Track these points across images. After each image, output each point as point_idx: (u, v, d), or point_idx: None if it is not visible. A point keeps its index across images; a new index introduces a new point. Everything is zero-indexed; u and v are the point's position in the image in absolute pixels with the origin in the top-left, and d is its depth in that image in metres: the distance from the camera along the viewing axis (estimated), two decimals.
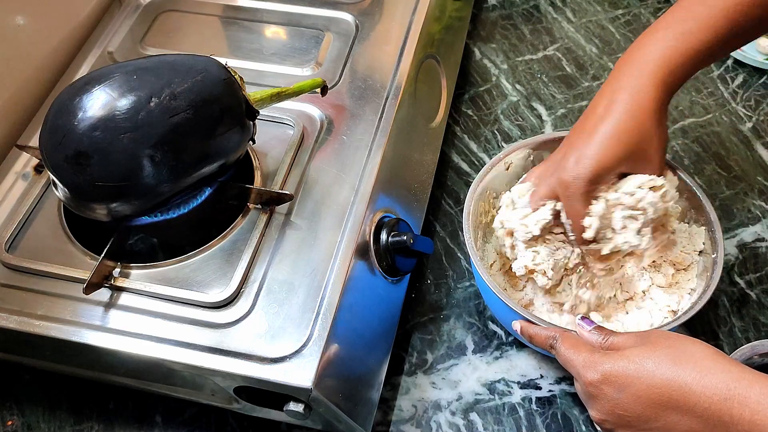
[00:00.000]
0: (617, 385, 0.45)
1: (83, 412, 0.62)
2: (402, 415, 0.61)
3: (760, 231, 0.71)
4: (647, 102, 0.52)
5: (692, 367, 0.43)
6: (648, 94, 0.52)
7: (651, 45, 0.54)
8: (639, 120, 0.52)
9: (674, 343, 0.45)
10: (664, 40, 0.53)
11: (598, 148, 0.52)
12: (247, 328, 0.52)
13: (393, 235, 0.59)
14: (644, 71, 0.53)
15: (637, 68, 0.53)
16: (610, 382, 0.45)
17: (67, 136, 0.50)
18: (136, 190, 0.51)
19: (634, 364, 0.45)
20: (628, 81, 0.53)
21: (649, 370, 0.44)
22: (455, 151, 0.79)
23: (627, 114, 0.52)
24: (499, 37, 0.90)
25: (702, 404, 0.41)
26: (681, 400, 0.42)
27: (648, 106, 0.52)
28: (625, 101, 0.52)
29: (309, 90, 0.62)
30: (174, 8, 0.76)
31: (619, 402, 0.45)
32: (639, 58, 0.54)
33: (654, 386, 0.43)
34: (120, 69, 0.53)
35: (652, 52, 0.53)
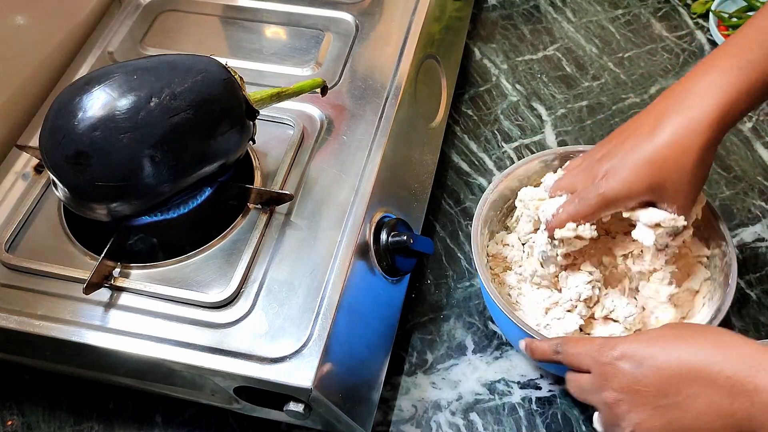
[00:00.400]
0: (636, 360, 0.44)
1: (83, 412, 0.62)
2: (402, 415, 0.61)
3: (760, 231, 0.71)
4: (697, 135, 0.49)
5: (713, 341, 0.42)
6: (699, 127, 0.49)
7: (714, 71, 0.50)
8: (682, 154, 0.49)
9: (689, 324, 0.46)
10: (728, 66, 0.49)
11: (630, 170, 0.50)
12: (247, 328, 0.52)
13: (393, 235, 0.59)
14: (701, 99, 0.49)
15: (695, 93, 0.49)
16: (629, 358, 0.44)
17: (67, 136, 0.50)
18: (136, 190, 0.51)
19: (654, 340, 0.44)
20: (684, 105, 0.50)
21: (669, 343, 0.43)
22: (455, 151, 0.79)
23: (670, 145, 0.49)
24: (499, 37, 0.90)
25: (725, 373, 0.40)
26: (703, 370, 0.41)
27: (697, 141, 0.49)
28: (674, 129, 0.49)
29: (309, 90, 0.62)
30: (174, 8, 0.76)
31: (638, 377, 0.44)
32: (699, 83, 0.50)
33: (674, 358, 0.43)
34: (120, 69, 0.53)
35: (714, 80, 0.49)
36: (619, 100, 0.82)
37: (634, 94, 0.83)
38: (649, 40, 0.88)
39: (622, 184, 0.50)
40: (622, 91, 0.83)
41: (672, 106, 0.50)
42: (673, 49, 0.87)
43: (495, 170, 0.77)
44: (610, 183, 0.51)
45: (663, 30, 0.89)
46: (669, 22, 0.90)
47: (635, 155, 0.50)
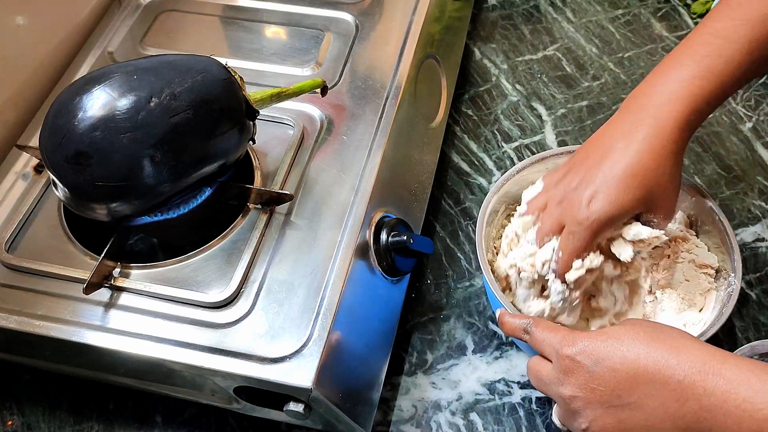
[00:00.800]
0: (594, 357, 0.44)
1: (83, 412, 0.62)
2: (402, 415, 0.61)
3: (760, 231, 0.71)
4: (669, 142, 0.50)
5: (669, 344, 0.43)
6: (671, 134, 0.50)
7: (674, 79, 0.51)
8: (660, 160, 0.50)
9: (651, 324, 0.46)
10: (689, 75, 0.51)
11: (616, 188, 0.50)
12: (247, 328, 0.52)
13: (393, 235, 0.59)
14: (667, 108, 0.50)
15: (660, 102, 0.51)
16: (587, 354, 0.45)
17: (67, 136, 0.50)
18: (136, 189, 0.51)
19: (612, 339, 0.45)
20: (650, 115, 0.51)
21: (626, 344, 0.44)
22: (455, 151, 0.79)
23: (648, 153, 0.50)
24: (499, 37, 0.90)
25: (676, 377, 0.41)
26: (655, 373, 0.42)
27: (670, 147, 0.50)
28: (647, 138, 0.50)
29: (309, 90, 0.62)
30: (174, 8, 0.76)
31: (594, 375, 0.44)
32: (662, 92, 0.51)
33: (629, 360, 0.43)
34: (120, 69, 0.53)
35: (677, 88, 0.51)
36: (619, 100, 0.82)
37: None
38: (649, 40, 0.88)
39: (612, 204, 0.50)
40: (622, 91, 0.83)
41: (640, 119, 0.51)
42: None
43: (495, 170, 0.77)
44: (598, 206, 0.50)
45: (663, 30, 0.89)
46: (669, 22, 0.90)
47: (616, 172, 0.50)
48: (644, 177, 0.50)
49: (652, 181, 0.50)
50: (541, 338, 0.49)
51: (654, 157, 0.50)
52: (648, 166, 0.50)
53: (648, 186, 0.50)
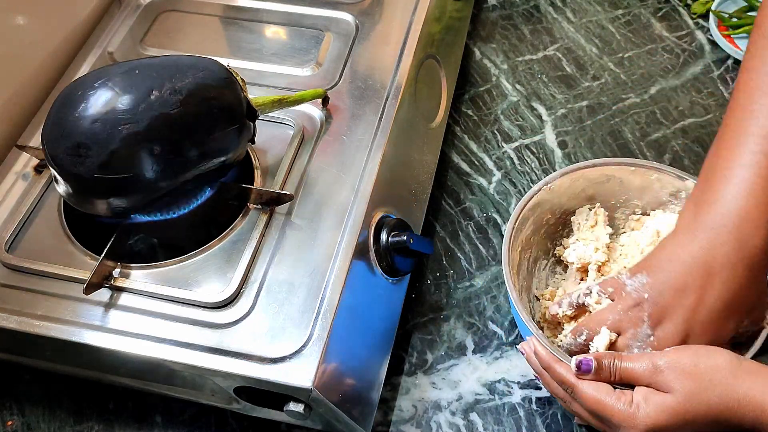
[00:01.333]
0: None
1: (83, 412, 0.62)
2: (402, 415, 0.61)
3: None
4: (759, 255, 0.47)
5: (727, 401, 0.44)
6: (758, 247, 0.47)
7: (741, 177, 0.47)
8: (752, 286, 0.48)
9: (695, 380, 0.45)
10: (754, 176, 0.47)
11: (713, 332, 0.49)
12: (247, 328, 0.52)
13: (393, 235, 0.59)
14: (748, 227, 0.47)
15: (738, 220, 0.47)
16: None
17: (68, 128, 0.50)
18: (135, 183, 0.51)
19: (674, 417, 0.45)
20: (732, 239, 0.47)
21: (690, 420, 0.45)
22: (455, 151, 0.79)
23: (741, 285, 0.48)
24: (499, 37, 0.90)
25: (739, 427, 0.45)
26: (720, 426, 0.45)
27: (760, 260, 0.47)
28: (733, 264, 0.47)
29: (310, 99, 0.63)
30: (174, 8, 0.76)
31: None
32: (733, 201, 0.47)
33: (694, 424, 0.45)
34: (122, 66, 0.53)
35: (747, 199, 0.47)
36: (619, 100, 0.82)
37: (634, 94, 0.83)
38: (649, 40, 0.88)
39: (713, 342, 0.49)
40: (622, 91, 0.83)
41: (721, 244, 0.48)
42: (673, 49, 0.87)
43: (495, 170, 0.77)
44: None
45: (663, 30, 0.89)
46: (669, 22, 0.90)
47: (715, 310, 0.48)
48: (742, 306, 0.49)
49: (746, 307, 0.49)
50: (594, 404, 0.48)
51: (747, 285, 0.48)
52: (743, 298, 0.49)
53: (742, 314, 0.50)
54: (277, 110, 0.61)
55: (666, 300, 0.49)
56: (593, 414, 0.49)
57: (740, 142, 0.48)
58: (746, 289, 0.48)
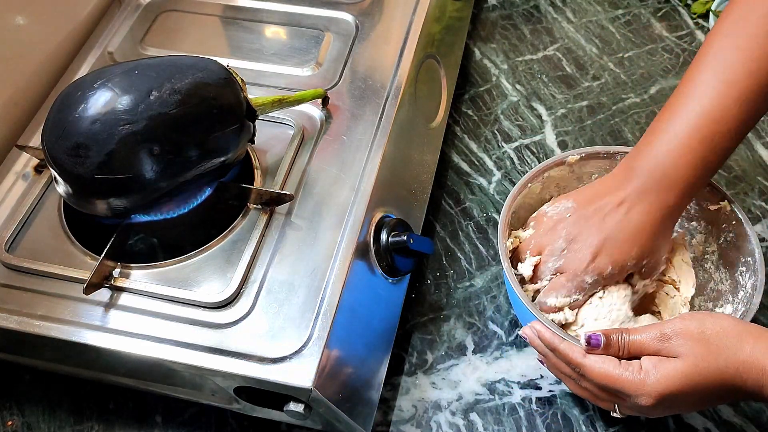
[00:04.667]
0: (674, 401, 0.47)
1: (83, 412, 0.62)
2: (402, 415, 0.61)
3: (760, 231, 0.71)
4: (671, 211, 0.54)
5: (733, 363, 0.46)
6: (671, 205, 0.54)
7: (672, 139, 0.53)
8: (658, 232, 0.54)
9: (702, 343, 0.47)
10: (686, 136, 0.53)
11: (620, 249, 0.54)
12: (247, 328, 0.52)
13: (393, 235, 0.59)
14: (667, 183, 0.53)
15: (661, 174, 0.53)
16: (668, 400, 0.47)
17: (67, 128, 0.50)
18: (135, 183, 0.51)
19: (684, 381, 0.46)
20: (654, 188, 0.53)
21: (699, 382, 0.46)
22: (455, 151, 0.79)
23: (650, 225, 0.54)
24: (499, 37, 0.90)
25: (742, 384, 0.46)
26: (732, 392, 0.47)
27: (671, 216, 0.55)
28: (650, 211, 0.54)
29: (310, 99, 0.63)
30: (174, 8, 0.76)
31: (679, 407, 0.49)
32: (663, 156, 0.53)
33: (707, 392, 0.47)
34: (122, 66, 0.53)
35: (677, 155, 0.53)
36: (619, 100, 0.82)
37: (634, 94, 0.83)
38: (649, 40, 0.88)
39: (614, 263, 0.55)
40: (622, 91, 0.83)
41: (644, 187, 0.54)
42: (673, 49, 0.87)
43: (495, 170, 0.77)
44: (602, 262, 0.55)
45: (663, 30, 0.89)
46: (669, 22, 0.90)
47: (622, 235, 0.54)
48: (643, 244, 0.55)
49: (648, 248, 0.55)
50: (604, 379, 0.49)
51: (654, 229, 0.54)
52: (648, 236, 0.54)
53: (645, 252, 0.55)
54: (277, 110, 0.61)
55: (587, 218, 0.55)
56: (603, 388, 0.49)
57: (682, 104, 0.54)
58: (655, 231, 0.54)
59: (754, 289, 0.55)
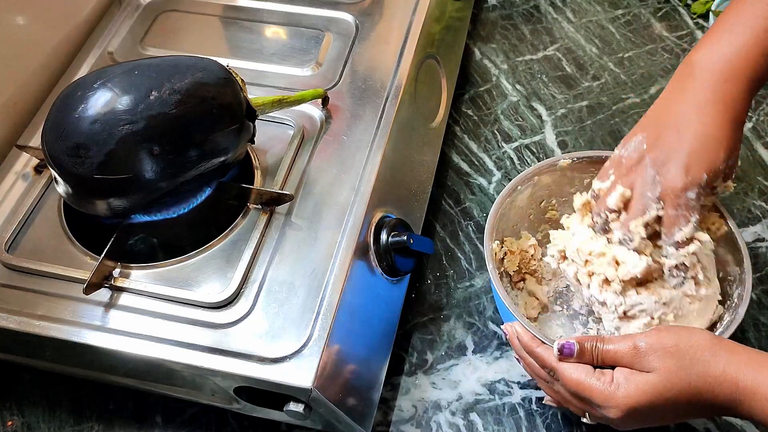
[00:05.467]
0: (643, 414, 0.47)
1: (83, 412, 0.62)
2: (402, 415, 0.61)
3: (760, 231, 0.71)
4: (738, 113, 0.53)
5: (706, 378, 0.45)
6: (743, 99, 0.53)
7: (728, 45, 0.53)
8: (732, 130, 0.53)
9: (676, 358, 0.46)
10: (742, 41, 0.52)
11: (707, 154, 0.52)
12: (247, 328, 0.52)
13: (393, 235, 0.59)
14: (732, 82, 0.52)
15: (724, 76, 0.53)
16: (637, 413, 0.47)
17: (67, 128, 0.50)
18: (134, 183, 0.51)
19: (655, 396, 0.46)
20: (718, 89, 0.53)
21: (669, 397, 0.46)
22: (455, 151, 0.79)
23: (721, 125, 0.52)
24: (499, 37, 0.90)
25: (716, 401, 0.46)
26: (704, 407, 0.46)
27: (739, 116, 0.53)
28: (719, 112, 0.52)
29: (310, 99, 0.63)
30: (174, 8, 0.76)
31: (647, 421, 0.48)
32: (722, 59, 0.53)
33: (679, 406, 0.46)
34: (121, 67, 0.53)
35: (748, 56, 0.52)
36: (619, 100, 0.82)
37: (634, 94, 0.83)
38: (649, 40, 0.88)
39: (708, 169, 0.52)
40: (622, 91, 0.83)
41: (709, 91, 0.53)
42: (673, 49, 0.87)
43: (495, 170, 0.77)
44: (696, 172, 0.53)
45: (663, 30, 0.89)
46: (669, 22, 0.90)
47: (701, 141, 0.52)
48: (727, 144, 0.52)
49: (731, 145, 0.53)
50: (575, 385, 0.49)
51: (730, 125, 0.52)
52: (727, 134, 0.52)
53: (729, 149, 0.53)
54: (277, 110, 0.61)
55: (665, 142, 0.53)
56: (574, 395, 0.49)
57: (747, 7, 0.53)
58: (732, 127, 0.53)
59: (740, 299, 0.55)
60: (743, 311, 0.54)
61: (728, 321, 0.54)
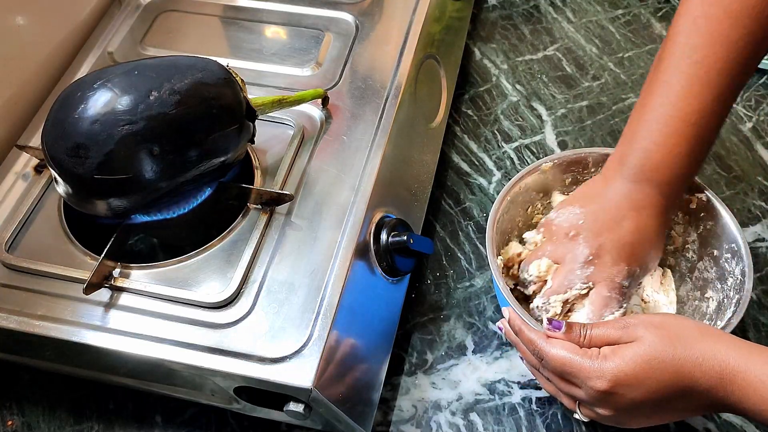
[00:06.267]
0: (630, 386, 0.46)
1: (83, 412, 0.62)
2: (402, 415, 0.61)
3: (760, 231, 0.71)
4: (667, 216, 0.56)
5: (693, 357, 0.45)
6: (669, 210, 0.56)
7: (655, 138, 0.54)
8: (660, 234, 0.56)
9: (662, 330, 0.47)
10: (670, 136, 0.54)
11: (628, 257, 0.54)
12: (247, 328, 0.52)
13: (393, 235, 0.59)
14: (667, 188, 0.54)
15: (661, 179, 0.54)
16: (623, 385, 0.46)
17: (67, 128, 0.50)
18: (134, 183, 0.51)
19: (640, 364, 0.46)
20: (654, 193, 0.54)
21: (655, 366, 0.46)
22: (455, 151, 0.79)
23: (653, 229, 0.55)
24: (499, 37, 0.90)
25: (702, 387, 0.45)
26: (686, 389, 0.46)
27: (667, 220, 0.56)
28: (652, 216, 0.55)
29: (310, 100, 0.63)
30: (174, 8, 0.76)
31: (635, 399, 0.47)
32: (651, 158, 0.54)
33: (664, 381, 0.46)
34: (121, 66, 0.53)
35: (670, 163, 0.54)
36: (619, 100, 0.82)
37: (634, 94, 0.83)
38: (649, 40, 0.88)
39: (624, 271, 0.55)
40: (622, 91, 0.83)
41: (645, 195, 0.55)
42: None
43: (495, 170, 0.77)
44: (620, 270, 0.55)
45: (663, 30, 0.89)
46: (669, 22, 0.90)
47: (627, 242, 0.55)
48: (658, 244, 0.56)
49: (661, 244, 0.57)
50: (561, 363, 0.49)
51: (663, 228, 0.56)
52: (660, 235, 0.56)
53: (659, 248, 0.57)
54: (277, 110, 0.61)
55: (602, 224, 0.55)
56: (561, 376, 0.49)
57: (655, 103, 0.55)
58: (663, 229, 0.56)
59: (743, 275, 0.56)
60: (743, 311, 0.54)
61: (728, 321, 0.54)
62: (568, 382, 0.49)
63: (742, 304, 0.54)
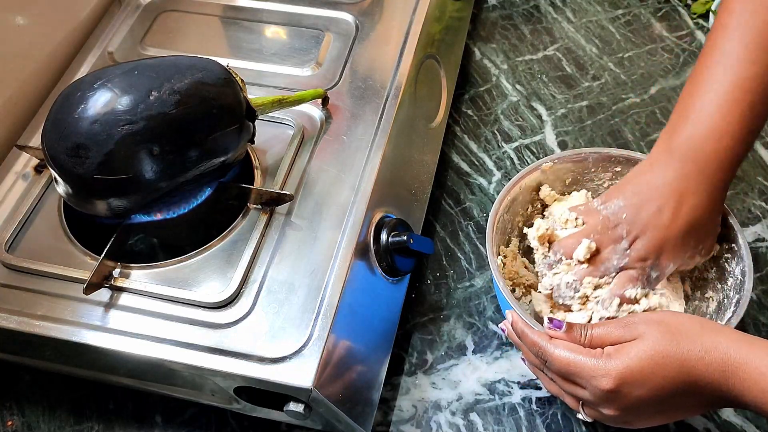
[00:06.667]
0: (635, 384, 0.46)
1: (83, 412, 0.62)
2: (402, 415, 0.61)
3: (760, 231, 0.71)
4: (720, 187, 0.54)
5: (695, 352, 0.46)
6: (721, 188, 0.54)
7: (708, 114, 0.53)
8: (712, 214, 0.55)
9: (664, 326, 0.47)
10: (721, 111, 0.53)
11: (682, 246, 0.55)
12: (247, 328, 0.52)
13: (393, 235, 0.59)
14: (714, 164, 0.53)
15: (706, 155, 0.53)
16: (629, 383, 0.46)
17: (67, 128, 0.50)
18: (134, 183, 0.51)
19: (645, 361, 0.46)
20: (698, 170, 0.53)
21: (660, 362, 0.46)
22: (455, 151, 0.79)
23: (702, 209, 0.54)
24: (499, 37, 0.90)
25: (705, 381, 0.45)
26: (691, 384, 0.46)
27: (721, 192, 0.55)
28: (700, 192, 0.54)
29: (310, 100, 0.63)
30: (174, 8, 0.76)
31: (640, 397, 0.47)
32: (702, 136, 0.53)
33: (669, 377, 0.46)
34: (121, 66, 0.53)
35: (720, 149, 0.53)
36: (619, 100, 0.82)
37: (634, 94, 0.83)
38: (649, 40, 0.88)
39: (676, 261, 0.56)
40: (622, 91, 0.83)
41: (689, 173, 0.54)
42: (673, 49, 0.87)
43: (495, 170, 0.77)
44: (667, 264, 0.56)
45: (663, 30, 0.89)
46: (669, 22, 0.90)
47: (680, 230, 0.54)
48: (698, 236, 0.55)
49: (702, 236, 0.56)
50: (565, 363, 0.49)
51: (710, 211, 0.55)
52: (706, 221, 0.55)
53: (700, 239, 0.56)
54: (277, 110, 0.61)
55: (643, 220, 0.54)
56: (565, 376, 0.49)
57: (711, 73, 0.54)
58: (708, 215, 0.55)
59: (743, 275, 0.56)
60: (743, 311, 0.54)
61: (728, 321, 0.54)
62: (572, 383, 0.49)
63: (742, 304, 0.54)
